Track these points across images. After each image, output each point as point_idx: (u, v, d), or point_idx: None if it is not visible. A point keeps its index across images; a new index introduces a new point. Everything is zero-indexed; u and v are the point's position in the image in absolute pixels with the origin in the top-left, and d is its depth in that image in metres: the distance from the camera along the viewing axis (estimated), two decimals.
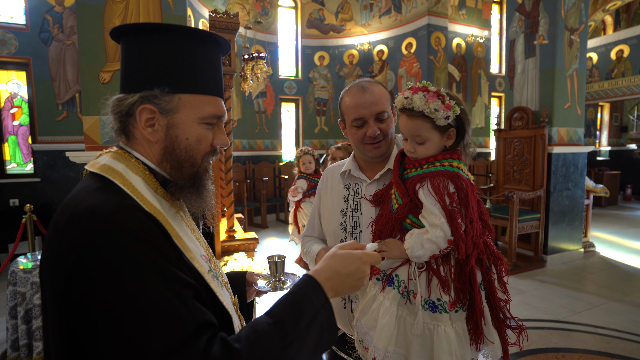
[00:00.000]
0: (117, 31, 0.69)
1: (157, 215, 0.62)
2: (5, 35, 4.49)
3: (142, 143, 0.70)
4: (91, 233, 0.54)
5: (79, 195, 0.61)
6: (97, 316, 0.51)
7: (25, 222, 3.17)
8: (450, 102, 0.86)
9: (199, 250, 0.71)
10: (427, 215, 0.85)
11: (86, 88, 2.71)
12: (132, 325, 0.51)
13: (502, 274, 0.91)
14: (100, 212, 0.56)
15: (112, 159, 0.67)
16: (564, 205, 4.46)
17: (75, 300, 0.52)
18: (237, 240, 2.78)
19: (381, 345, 0.85)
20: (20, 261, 2.56)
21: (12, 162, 4.88)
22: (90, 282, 0.52)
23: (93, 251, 0.53)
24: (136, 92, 0.66)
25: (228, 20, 2.64)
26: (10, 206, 4.65)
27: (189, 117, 0.68)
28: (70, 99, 4.84)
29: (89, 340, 0.52)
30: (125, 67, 0.69)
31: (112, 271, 0.52)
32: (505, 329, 0.90)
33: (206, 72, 0.71)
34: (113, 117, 0.70)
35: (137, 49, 0.68)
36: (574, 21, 4.35)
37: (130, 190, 0.63)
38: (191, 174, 0.71)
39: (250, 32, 6.72)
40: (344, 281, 0.69)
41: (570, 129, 4.45)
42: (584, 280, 3.92)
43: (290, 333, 0.58)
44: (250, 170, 7.23)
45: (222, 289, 0.74)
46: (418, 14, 6.89)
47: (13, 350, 2.42)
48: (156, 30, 0.67)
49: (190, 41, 0.69)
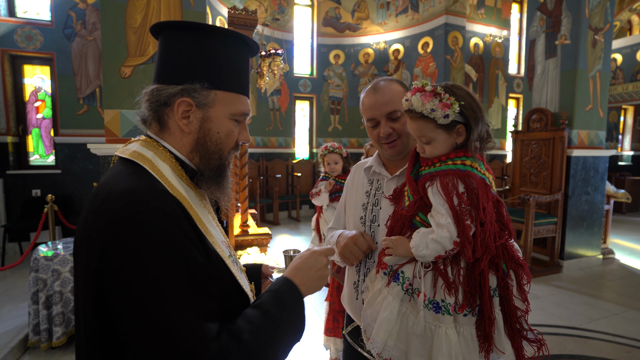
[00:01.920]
0: (159, 26, 0.73)
1: (183, 200, 0.66)
2: (32, 31, 4.65)
3: (175, 133, 0.73)
4: (126, 211, 0.58)
5: (113, 179, 0.65)
6: (126, 286, 0.55)
7: (47, 211, 3.28)
8: (449, 99, 0.83)
9: (219, 237, 0.76)
10: (435, 214, 0.84)
11: (108, 82, 2.78)
12: (156, 303, 0.55)
13: (522, 282, 0.86)
14: (134, 193, 0.60)
15: (141, 147, 0.71)
16: (582, 210, 4.34)
17: (109, 271, 0.56)
18: (250, 235, 2.81)
19: (379, 339, 0.85)
20: (41, 249, 2.65)
21: (35, 153, 5.04)
22: (126, 254, 0.56)
23: (127, 227, 0.57)
24: (177, 84, 0.70)
25: (247, 17, 2.67)
26: (33, 196, 4.81)
27: (222, 112, 0.73)
28: (91, 93, 4.96)
29: (117, 307, 0.56)
30: (166, 60, 0.73)
31: (145, 246, 0.56)
32: (521, 340, 0.85)
33: (239, 72, 0.76)
34: (147, 105, 0.73)
35: (179, 45, 0.71)
36: (598, 20, 4.22)
37: (158, 176, 0.67)
38: (217, 165, 0.76)
39: (267, 30, 6.76)
40: (308, 273, 0.77)
41: (591, 131, 4.33)
42: (602, 288, 3.81)
43: (277, 319, 0.66)
44: (264, 167, 7.28)
45: (241, 274, 0.78)
46: (435, 13, 6.80)
47: (34, 334, 2.51)
48: (200, 29, 0.72)
49: (230, 42, 0.74)
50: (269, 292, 0.71)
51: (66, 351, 2.53)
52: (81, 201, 4.94)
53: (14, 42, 4.57)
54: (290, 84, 7.57)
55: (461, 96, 0.85)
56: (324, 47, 7.87)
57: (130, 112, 2.78)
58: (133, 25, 2.74)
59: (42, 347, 2.48)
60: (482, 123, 0.87)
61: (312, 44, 7.92)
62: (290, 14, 7.47)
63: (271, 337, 0.63)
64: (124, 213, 0.58)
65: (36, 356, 2.47)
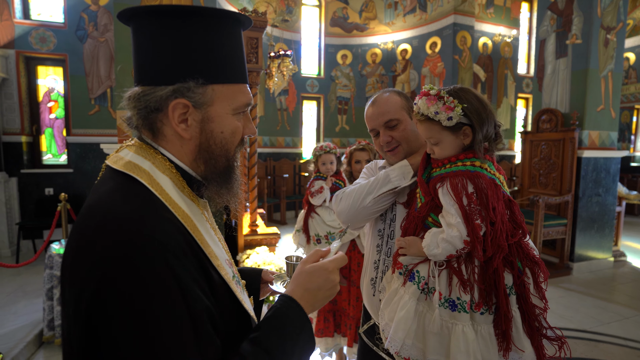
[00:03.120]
0: (129, 13, 0.61)
1: (186, 220, 0.59)
2: (46, 33, 4.74)
3: (173, 141, 0.64)
4: (121, 249, 0.50)
5: (105, 199, 0.56)
6: (120, 337, 0.48)
7: (60, 210, 3.35)
8: (453, 102, 0.86)
9: (223, 256, 0.68)
10: (445, 214, 0.86)
11: (120, 83, 2.83)
12: (154, 356, 0.48)
13: (539, 279, 0.87)
14: (128, 224, 0.52)
15: (136, 155, 0.62)
16: (593, 212, 4.29)
17: (101, 319, 0.48)
18: (259, 234, 2.84)
19: (397, 338, 0.86)
20: (53, 247, 2.71)
21: (48, 153, 5.15)
22: (119, 301, 0.48)
23: (123, 269, 0.49)
24: (167, 84, 0.60)
25: (256, 18, 2.69)
26: (46, 195, 4.91)
27: (223, 109, 0.64)
28: (102, 93, 5.04)
29: (109, 353, 0.49)
30: (147, 55, 0.61)
31: (141, 294, 0.49)
32: (541, 339, 0.85)
33: (235, 58, 0.65)
34: (135, 113, 0.62)
35: (160, 35, 0.60)
36: (610, 19, 4.16)
37: (158, 192, 0.58)
38: (225, 167, 0.68)
39: (275, 31, 6.80)
40: (316, 295, 0.67)
41: (602, 132, 4.27)
42: (613, 291, 3.76)
43: (277, 356, 0.58)
44: (271, 167, 7.32)
45: (243, 294, 0.73)
46: (444, 12, 6.77)
47: (49, 330, 2.57)
48: (181, 13, 0.60)
49: (219, 24, 0.63)
50: (271, 318, 0.62)
51: None
52: None
53: (29, 44, 4.67)
54: (298, 84, 7.59)
55: (466, 99, 0.87)
56: (332, 47, 7.88)
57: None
58: None
59: (56, 342, 2.54)
60: (489, 124, 0.89)
61: (319, 44, 7.93)
62: (298, 14, 7.50)
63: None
64: (117, 252, 0.49)
65: (50, 351, 2.53)
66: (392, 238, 1.10)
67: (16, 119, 4.73)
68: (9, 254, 4.53)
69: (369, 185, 1.08)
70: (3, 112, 4.65)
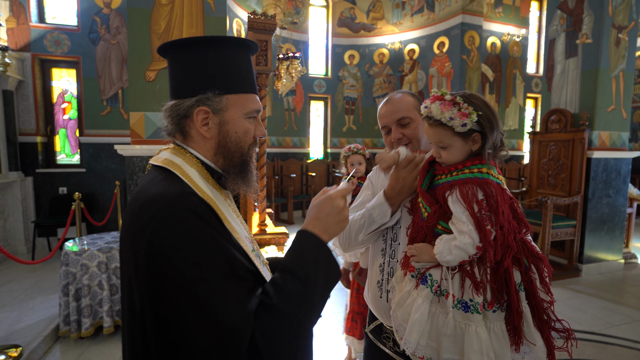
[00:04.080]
0: (165, 47, 0.79)
1: (210, 201, 0.73)
2: (60, 36, 4.86)
3: (198, 140, 0.80)
4: (162, 212, 0.66)
5: (148, 185, 0.74)
6: (171, 278, 0.62)
7: (74, 209, 3.44)
8: (468, 108, 0.86)
9: (243, 233, 0.82)
10: (456, 222, 0.87)
11: (133, 85, 2.90)
12: (198, 287, 0.62)
13: (544, 275, 0.89)
14: (167, 197, 0.68)
15: (171, 154, 0.79)
16: (603, 213, 4.25)
17: (157, 264, 0.64)
18: (268, 234, 2.88)
19: (412, 339, 0.88)
20: (67, 245, 2.79)
21: (61, 153, 5.27)
22: (164, 250, 0.64)
23: (165, 226, 0.65)
24: (191, 96, 0.77)
25: (265, 21, 2.73)
26: (60, 194, 5.03)
27: (236, 113, 0.79)
28: (114, 95, 5.15)
29: (165, 300, 0.63)
30: (178, 76, 0.79)
31: (180, 242, 0.64)
32: (550, 332, 0.88)
33: (244, 73, 0.81)
34: (169, 120, 0.80)
35: (187, 60, 0.78)
36: (622, 18, 4.11)
37: (187, 180, 0.74)
38: (240, 162, 0.82)
39: (284, 32, 6.84)
40: (326, 221, 0.78)
41: (613, 133, 4.22)
42: (623, 293, 3.72)
43: (302, 276, 0.69)
44: (279, 167, 7.38)
45: (262, 266, 0.83)
46: (452, 12, 6.74)
47: (65, 325, 2.65)
48: (201, 43, 0.78)
49: (231, 49, 0.79)
50: (291, 250, 0.75)
51: (93, 342, 2.66)
52: (104, 199, 5.14)
53: (44, 47, 4.79)
54: (305, 84, 7.63)
55: (478, 106, 0.88)
56: (339, 47, 7.90)
57: (154, 114, 2.90)
58: (157, 31, 2.85)
59: (72, 337, 2.62)
60: (497, 132, 0.90)
61: (327, 45, 7.96)
62: (306, 15, 7.53)
63: (300, 295, 0.68)
64: (159, 215, 0.65)
65: (66, 345, 2.62)
66: (395, 240, 1.11)
67: (32, 120, 4.86)
68: (25, 251, 4.66)
69: (358, 225, 1.10)
70: (19, 114, 4.78)
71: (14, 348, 2.36)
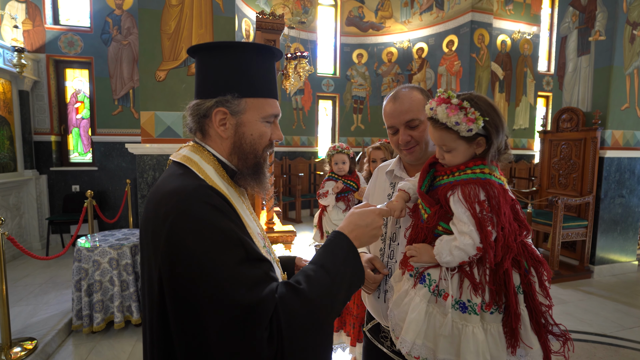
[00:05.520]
0: (195, 48, 0.83)
1: (225, 195, 0.76)
2: (73, 37, 4.96)
3: (215, 139, 0.84)
4: (181, 204, 0.69)
5: (168, 179, 0.78)
6: (191, 264, 0.65)
7: (86, 206, 3.52)
8: (474, 113, 0.85)
9: (256, 229, 0.85)
10: (457, 222, 0.86)
11: (144, 85, 2.95)
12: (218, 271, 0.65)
13: (543, 278, 0.88)
14: (186, 190, 0.71)
15: (190, 151, 0.83)
16: (616, 214, 4.17)
17: (174, 255, 0.67)
18: (276, 232, 2.91)
19: (408, 338, 0.88)
20: (79, 242, 2.86)
21: (74, 151, 5.39)
22: (184, 239, 0.67)
23: (184, 217, 0.68)
24: (212, 97, 0.80)
25: (274, 21, 2.75)
26: (72, 192, 5.14)
27: (253, 117, 0.82)
28: (125, 94, 5.23)
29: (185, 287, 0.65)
30: (202, 77, 0.83)
31: (199, 230, 0.67)
32: (547, 335, 0.87)
33: (266, 79, 0.84)
34: (192, 118, 0.84)
35: (212, 62, 0.81)
36: (637, 15, 4.02)
37: (204, 176, 0.78)
38: (254, 164, 0.85)
39: (292, 32, 6.87)
40: (364, 231, 0.84)
41: (627, 131, 4.14)
42: (636, 295, 3.65)
43: (332, 270, 0.74)
44: (287, 166, 7.41)
45: (273, 263, 0.86)
46: (461, 10, 6.67)
47: (77, 319, 2.71)
48: (228, 47, 0.81)
49: (254, 55, 0.82)
50: (324, 247, 0.80)
51: (105, 336, 2.72)
52: (115, 196, 5.23)
53: (58, 48, 4.90)
54: (314, 83, 7.65)
55: (485, 111, 0.87)
56: (347, 46, 7.90)
57: (164, 113, 2.94)
58: (167, 32, 2.90)
59: (84, 331, 2.69)
60: (502, 136, 0.89)
61: (335, 44, 7.96)
62: (314, 14, 7.54)
63: (327, 288, 0.71)
64: (177, 208, 0.68)
65: (79, 339, 2.68)
66: (394, 241, 1.10)
67: (46, 119, 4.98)
68: (40, 247, 4.78)
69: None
70: (34, 113, 4.90)
71: (29, 341, 2.44)
